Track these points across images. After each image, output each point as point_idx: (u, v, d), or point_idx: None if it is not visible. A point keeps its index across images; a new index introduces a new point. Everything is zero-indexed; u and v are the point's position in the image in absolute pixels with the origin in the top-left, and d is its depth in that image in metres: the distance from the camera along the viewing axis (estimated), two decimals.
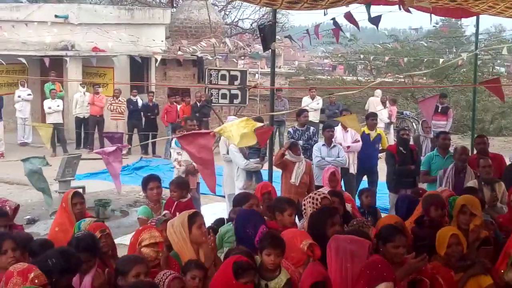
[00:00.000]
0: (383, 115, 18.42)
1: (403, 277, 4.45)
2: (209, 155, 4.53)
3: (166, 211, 6.37)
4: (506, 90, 24.84)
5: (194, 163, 9.36)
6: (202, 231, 5.04)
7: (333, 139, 10.11)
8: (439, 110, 15.95)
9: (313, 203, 6.02)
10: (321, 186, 8.73)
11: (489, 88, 9.44)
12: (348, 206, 7.14)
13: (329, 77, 29.80)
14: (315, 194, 6.21)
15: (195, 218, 5.06)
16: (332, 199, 6.26)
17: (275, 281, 4.62)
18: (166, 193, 7.30)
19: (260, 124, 4.60)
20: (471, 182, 7.81)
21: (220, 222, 6.31)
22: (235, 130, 4.10)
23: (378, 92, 20.12)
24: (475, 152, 9.64)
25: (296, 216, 6.24)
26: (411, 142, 10.73)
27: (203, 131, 5.01)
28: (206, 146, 4.38)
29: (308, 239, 4.83)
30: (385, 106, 18.77)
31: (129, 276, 4.29)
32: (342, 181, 9.70)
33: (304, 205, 6.17)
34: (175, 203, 6.70)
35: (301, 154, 9.20)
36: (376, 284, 3.78)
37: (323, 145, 10.02)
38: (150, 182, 6.79)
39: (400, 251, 4.59)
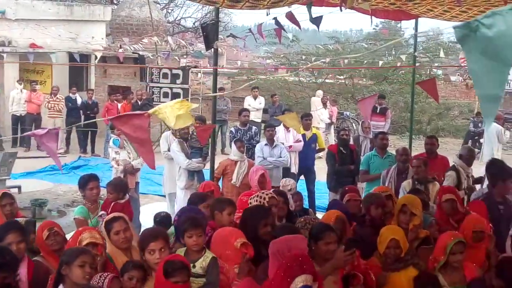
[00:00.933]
0: (323, 115, 18.67)
1: (330, 270, 4.47)
2: (145, 134, 4.45)
3: (102, 212, 6.22)
4: (443, 92, 25.63)
5: (132, 163, 9.27)
6: (120, 237, 4.89)
7: (275, 139, 10.13)
8: (377, 111, 16.24)
9: (260, 202, 5.91)
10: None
11: (424, 89, 9.62)
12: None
13: (271, 77, 29.93)
14: (263, 193, 6.11)
15: (112, 224, 4.95)
16: (277, 199, 6.22)
17: (200, 260, 4.60)
18: (104, 192, 7.14)
19: (195, 106, 4.54)
20: (405, 182, 7.90)
21: (164, 219, 6.09)
22: (170, 111, 4.03)
23: (319, 92, 20.34)
24: (414, 153, 9.84)
25: None
26: (351, 142, 10.87)
27: (137, 112, 4.89)
28: (141, 126, 4.31)
29: (242, 238, 4.80)
30: (326, 107, 18.99)
31: (74, 265, 4.19)
32: None
33: (250, 203, 6.05)
34: (112, 204, 6.56)
35: (244, 152, 9.18)
36: (295, 276, 3.80)
37: (266, 144, 10.03)
38: (90, 182, 6.60)
39: (331, 248, 4.58)
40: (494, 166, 7.16)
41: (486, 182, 7.39)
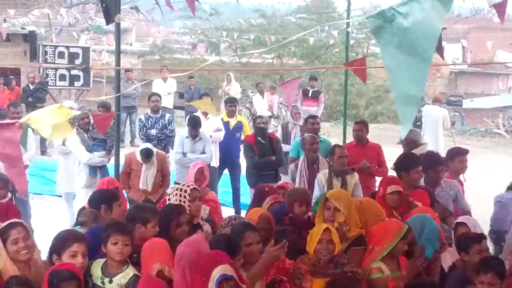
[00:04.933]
0: (261, 106, 18.37)
1: (261, 269, 4.52)
2: (16, 150, 4.21)
3: None
4: (382, 73, 26.15)
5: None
6: (18, 247, 4.61)
7: (199, 131, 9.88)
8: (309, 95, 16.42)
9: (180, 195, 5.77)
10: None
11: (353, 70, 9.72)
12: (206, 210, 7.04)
13: (188, 57, 29.74)
14: (183, 185, 5.96)
15: (9, 231, 4.65)
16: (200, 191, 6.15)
17: (119, 276, 4.51)
18: None
19: (76, 113, 4.42)
20: (321, 173, 7.90)
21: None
22: (45, 120, 3.84)
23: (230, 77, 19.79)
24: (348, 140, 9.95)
25: None
26: (280, 130, 10.93)
27: (6, 121, 4.66)
28: (11, 139, 4.07)
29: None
30: (263, 96, 18.80)
31: None
32: None
33: (169, 199, 5.92)
34: None
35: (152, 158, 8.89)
36: (211, 270, 3.93)
37: (187, 137, 9.81)
38: None
39: (253, 249, 4.62)
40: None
41: None
